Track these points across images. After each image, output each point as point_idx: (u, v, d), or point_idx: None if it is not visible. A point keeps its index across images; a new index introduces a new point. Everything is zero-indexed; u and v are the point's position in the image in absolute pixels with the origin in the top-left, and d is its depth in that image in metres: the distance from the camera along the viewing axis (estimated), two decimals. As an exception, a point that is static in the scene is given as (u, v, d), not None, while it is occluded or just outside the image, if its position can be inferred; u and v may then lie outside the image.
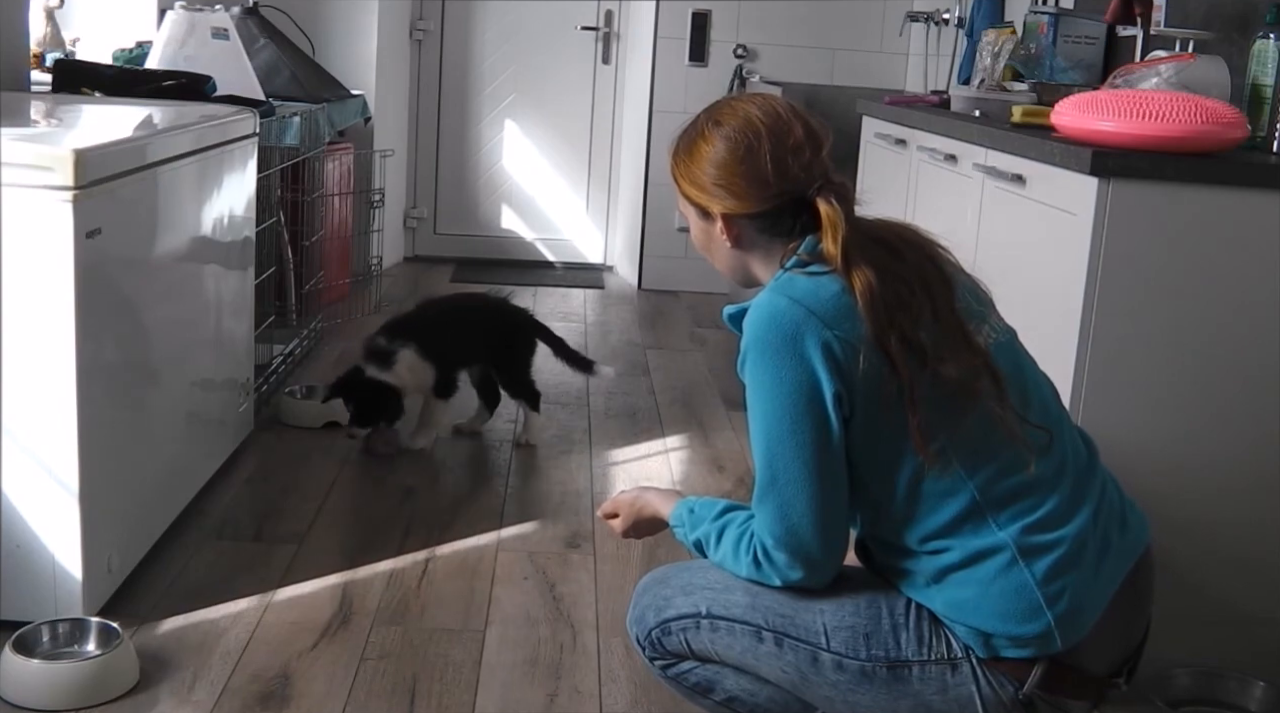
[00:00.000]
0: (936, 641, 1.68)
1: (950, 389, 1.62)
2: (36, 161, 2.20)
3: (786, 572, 1.69)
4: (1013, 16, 4.10)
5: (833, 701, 1.74)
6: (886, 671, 1.69)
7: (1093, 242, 2.22)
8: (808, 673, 1.72)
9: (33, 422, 2.27)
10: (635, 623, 1.85)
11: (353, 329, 4.81)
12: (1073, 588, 1.64)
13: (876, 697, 1.70)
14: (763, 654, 1.74)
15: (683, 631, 1.78)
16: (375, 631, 2.49)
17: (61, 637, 2.28)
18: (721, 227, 1.76)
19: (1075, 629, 1.65)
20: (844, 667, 1.70)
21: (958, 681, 1.67)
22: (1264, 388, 2.29)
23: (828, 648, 1.70)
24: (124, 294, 2.48)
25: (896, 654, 1.68)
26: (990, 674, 1.66)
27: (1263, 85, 2.55)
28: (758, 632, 1.73)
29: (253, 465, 3.33)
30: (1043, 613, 1.62)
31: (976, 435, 1.65)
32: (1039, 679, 1.65)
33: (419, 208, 6.27)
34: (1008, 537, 1.64)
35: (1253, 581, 2.36)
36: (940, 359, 1.62)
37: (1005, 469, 1.65)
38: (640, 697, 2.31)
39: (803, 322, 1.62)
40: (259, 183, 3.43)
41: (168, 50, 3.76)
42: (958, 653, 1.67)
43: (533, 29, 6.12)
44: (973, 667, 1.67)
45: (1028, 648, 1.64)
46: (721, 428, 3.89)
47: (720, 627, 1.76)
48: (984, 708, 1.67)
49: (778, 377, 1.62)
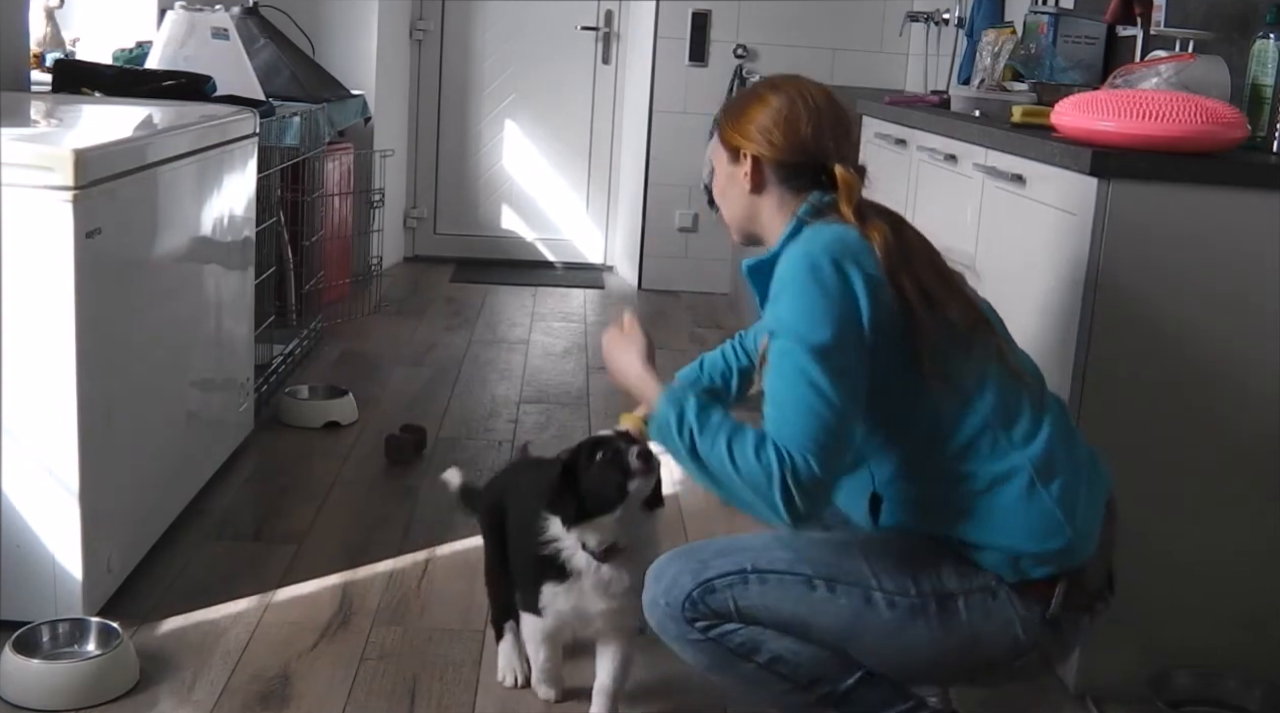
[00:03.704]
0: (973, 572, 1.83)
1: (955, 331, 1.81)
2: (36, 161, 2.20)
3: (801, 489, 1.68)
4: (1013, 16, 4.10)
5: (880, 648, 1.84)
6: (936, 604, 1.82)
7: (1093, 242, 2.22)
8: (862, 615, 1.81)
9: (33, 422, 2.27)
10: (666, 593, 1.85)
11: (352, 329, 4.82)
12: (1082, 506, 1.83)
13: (928, 632, 1.82)
14: (816, 601, 1.82)
15: (729, 588, 1.82)
16: (375, 631, 2.49)
17: (61, 637, 2.28)
18: (748, 169, 1.91)
19: (1088, 544, 1.83)
20: (896, 604, 1.81)
21: (998, 606, 1.82)
22: (1264, 388, 2.29)
23: (879, 588, 1.82)
24: (124, 294, 2.48)
25: (942, 588, 1.82)
26: (1020, 599, 1.82)
27: (1263, 85, 2.55)
28: (808, 580, 1.82)
29: (253, 465, 3.33)
30: (1063, 529, 1.80)
31: (981, 367, 1.83)
32: (1061, 603, 1.81)
33: (419, 208, 6.27)
34: (1023, 459, 1.81)
35: (1253, 581, 2.36)
36: (945, 305, 1.81)
37: (1009, 399, 1.83)
38: (640, 697, 2.31)
39: (844, 255, 1.77)
40: (259, 183, 3.43)
41: (168, 50, 3.76)
42: (991, 582, 1.82)
43: (533, 29, 6.12)
44: (1006, 593, 1.82)
45: (1052, 564, 1.81)
46: (721, 428, 3.89)
47: (770, 579, 1.82)
48: (1022, 630, 1.82)
49: (827, 299, 1.74)
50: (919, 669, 1.90)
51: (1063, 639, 1.88)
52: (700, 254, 5.86)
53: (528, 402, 4.07)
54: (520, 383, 4.28)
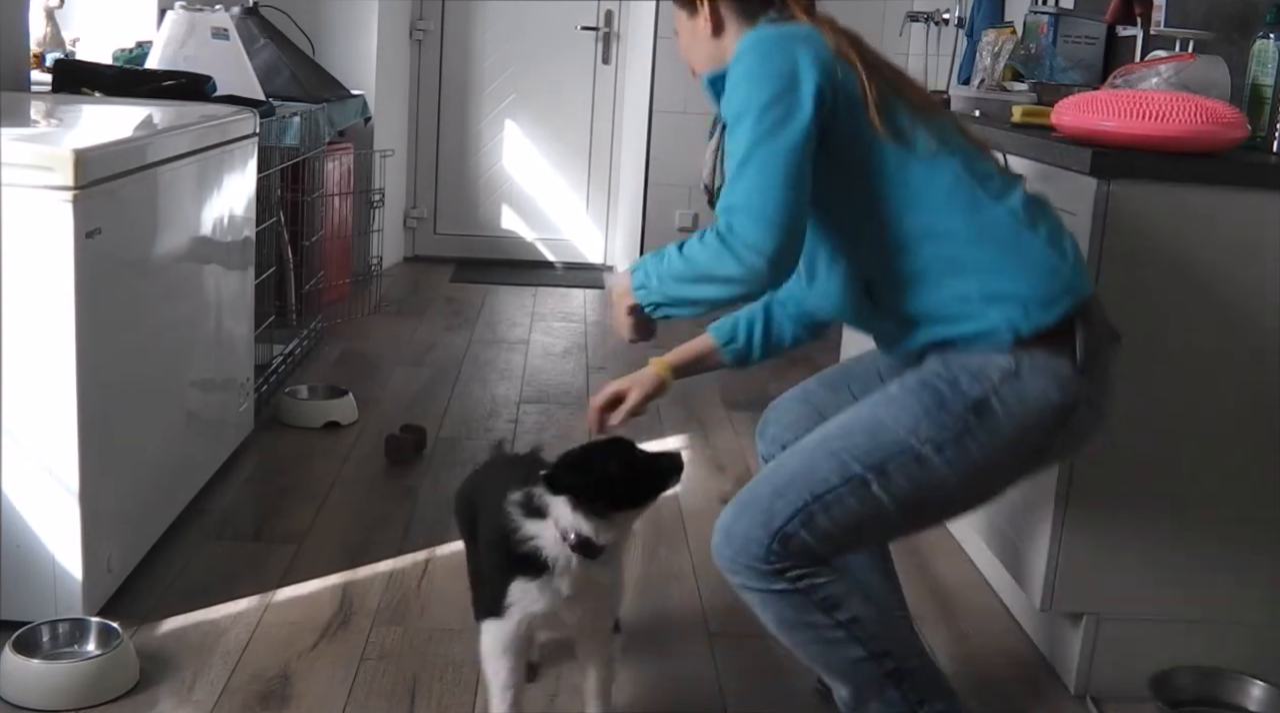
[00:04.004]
0: (984, 366, 1.80)
1: (911, 104, 1.85)
2: (36, 162, 2.20)
3: (750, 244, 1.75)
4: (1013, 16, 4.10)
5: (953, 492, 1.84)
6: (975, 417, 1.79)
7: (1092, 242, 2.22)
8: (922, 481, 1.80)
9: (33, 422, 2.27)
10: (742, 552, 1.83)
11: (352, 329, 4.82)
12: (1070, 246, 1.86)
13: (990, 450, 1.80)
14: (878, 498, 1.81)
15: (801, 527, 1.81)
16: (375, 631, 2.49)
17: (61, 637, 2.28)
18: (706, 14, 1.97)
19: (1086, 280, 1.86)
20: (943, 446, 1.79)
21: (1027, 382, 1.79)
22: (1265, 387, 2.29)
23: (921, 441, 1.80)
24: (124, 294, 2.47)
25: (968, 399, 1.79)
26: (1044, 358, 1.79)
27: (1263, 85, 2.55)
28: (862, 481, 1.81)
29: (253, 465, 3.33)
30: (1059, 267, 1.82)
31: (942, 134, 1.85)
32: (1085, 341, 1.80)
33: (419, 208, 6.27)
34: (1003, 210, 1.83)
35: (1253, 580, 2.36)
36: (904, 88, 1.86)
37: (976, 162, 1.86)
38: (640, 697, 2.31)
39: (790, 35, 1.83)
40: (259, 183, 3.43)
41: (168, 50, 3.76)
42: (1008, 364, 1.79)
43: (533, 29, 6.12)
44: (1028, 362, 1.79)
45: (1059, 303, 1.79)
46: (721, 428, 3.89)
47: (830, 501, 1.81)
48: (1059, 391, 1.80)
49: (766, 70, 1.79)
50: (994, 484, 1.91)
51: (1101, 381, 1.86)
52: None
53: (528, 402, 4.07)
54: (520, 383, 4.28)
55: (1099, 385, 1.86)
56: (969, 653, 2.55)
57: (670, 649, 2.50)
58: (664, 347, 2.35)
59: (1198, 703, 2.31)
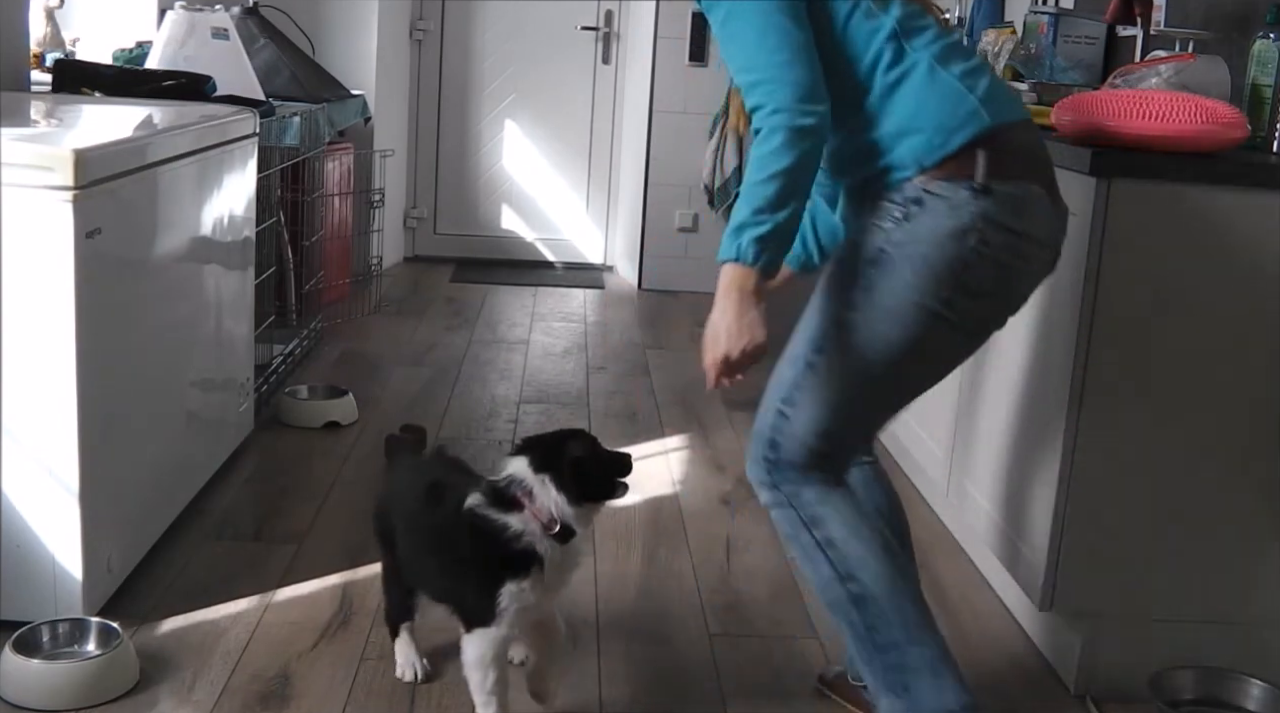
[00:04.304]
0: (882, 216, 1.89)
1: None
2: (36, 162, 2.20)
3: (801, 113, 1.81)
4: (1013, 16, 4.10)
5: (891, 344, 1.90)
6: (874, 269, 1.89)
7: (1092, 242, 2.22)
8: (852, 343, 1.91)
9: (33, 422, 2.27)
10: (753, 473, 2.02)
11: (352, 329, 4.82)
12: (988, 83, 1.91)
13: (899, 293, 1.87)
14: (825, 376, 1.94)
15: (779, 432, 1.98)
16: (375, 631, 2.49)
17: (61, 637, 2.28)
18: None
19: (999, 110, 1.89)
20: (855, 305, 1.91)
21: (918, 219, 1.87)
22: (1265, 388, 2.29)
23: (837, 309, 1.93)
24: (124, 294, 2.48)
25: (863, 256, 1.90)
26: (941, 187, 1.86)
27: (1263, 85, 2.55)
28: (808, 365, 1.95)
29: (253, 465, 3.33)
30: (966, 97, 1.87)
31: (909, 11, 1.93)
32: (987, 165, 1.85)
33: (419, 208, 6.28)
34: (922, 54, 1.89)
35: (1253, 580, 2.36)
36: None
37: (915, 16, 1.92)
38: (640, 697, 2.31)
39: None
40: (259, 183, 3.43)
41: (168, 50, 3.76)
42: (905, 203, 1.87)
43: (533, 29, 6.12)
44: (926, 197, 1.86)
45: (963, 129, 1.86)
46: (722, 428, 3.89)
47: (794, 398, 1.97)
48: (956, 214, 1.85)
49: None
50: (930, 332, 1.91)
51: (1015, 207, 1.88)
52: (700, 254, 5.85)
53: (528, 402, 4.07)
54: (520, 383, 4.28)
55: (1011, 210, 1.87)
56: (969, 653, 2.55)
57: (670, 649, 2.50)
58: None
59: (1198, 703, 2.31)
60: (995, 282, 1.91)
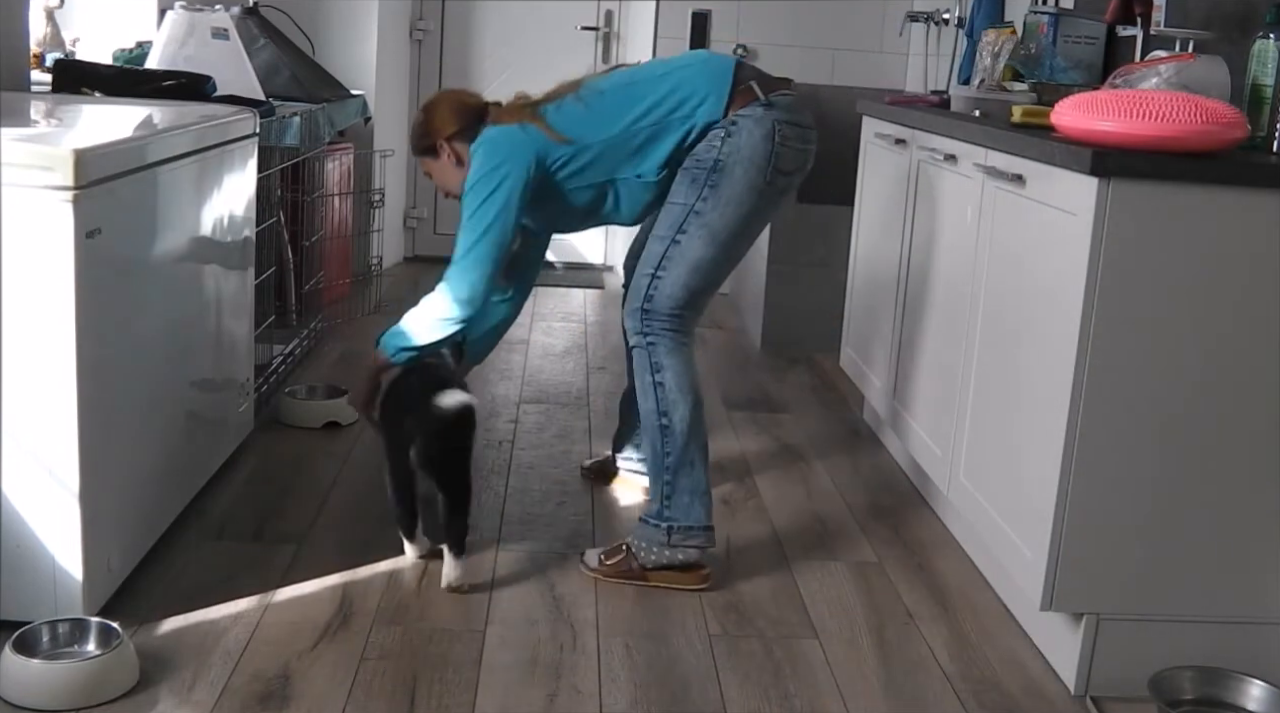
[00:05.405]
0: (711, 143, 2.69)
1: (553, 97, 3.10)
2: (36, 162, 2.20)
3: (468, 300, 2.85)
4: (1013, 16, 4.10)
5: (736, 224, 2.70)
6: (716, 173, 2.68)
7: (1093, 242, 2.22)
8: (704, 223, 2.68)
9: (33, 422, 2.27)
10: (630, 315, 2.75)
11: (353, 329, 4.82)
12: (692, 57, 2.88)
13: (738, 186, 2.67)
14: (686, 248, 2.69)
15: (655, 291, 2.71)
16: (375, 631, 2.49)
17: (61, 637, 2.28)
18: (449, 151, 2.89)
19: (728, 63, 2.77)
20: (706, 197, 2.68)
21: (737, 137, 2.67)
22: (1264, 388, 2.29)
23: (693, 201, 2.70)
24: (124, 294, 2.48)
25: (706, 165, 2.69)
26: (741, 114, 2.68)
27: (1263, 85, 2.55)
28: (673, 242, 2.70)
29: (253, 465, 3.33)
30: (704, 68, 2.77)
31: (581, 87, 2.97)
32: (761, 89, 2.70)
33: (419, 208, 6.27)
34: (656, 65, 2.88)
35: (1253, 580, 2.37)
36: (554, 96, 3.08)
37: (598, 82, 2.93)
38: (640, 697, 2.31)
39: (495, 143, 2.87)
40: (259, 183, 3.43)
41: (168, 50, 3.76)
42: (723, 132, 2.67)
43: (533, 29, 6.12)
44: (735, 125, 2.67)
45: (726, 75, 2.72)
46: (721, 428, 3.89)
47: (665, 265, 2.71)
48: (761, 123, 2.67)
49: (483, 172, 2.83)
50: (760, 202, 2.71)
51: (785, 107, 2.70)
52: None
53: (528, 402, 4.07)
54: (520, 383, 4.28)
55: (791, 110, 2.70)
56: (969, 653, 2.55)
57: (670, 649, 2.50)
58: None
59: (1198, 703, 2.31)
60: (795, 159, 2.71)
